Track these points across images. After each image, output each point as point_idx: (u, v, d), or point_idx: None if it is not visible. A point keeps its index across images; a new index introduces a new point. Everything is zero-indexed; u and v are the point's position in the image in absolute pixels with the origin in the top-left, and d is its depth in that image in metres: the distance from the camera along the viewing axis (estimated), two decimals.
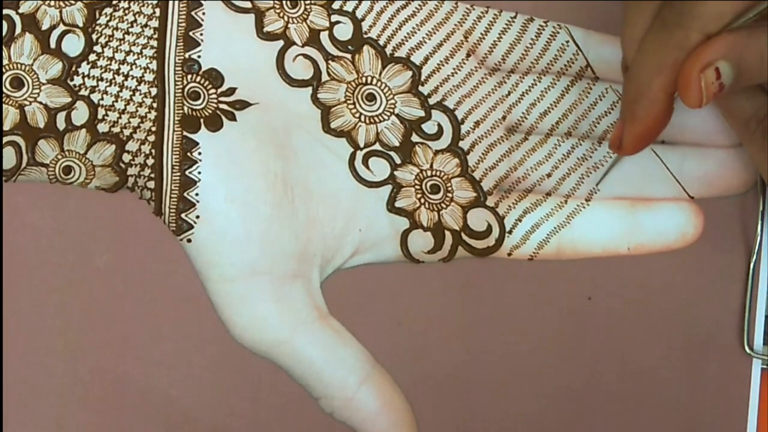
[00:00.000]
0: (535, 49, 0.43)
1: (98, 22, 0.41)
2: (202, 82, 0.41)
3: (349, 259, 0.42)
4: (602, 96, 0.43)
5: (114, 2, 0.41)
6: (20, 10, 0.40)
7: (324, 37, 0.42)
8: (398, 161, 0.42)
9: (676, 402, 0.43)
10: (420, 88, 0.42)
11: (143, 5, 0.41)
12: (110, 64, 0.41)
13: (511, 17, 0.43)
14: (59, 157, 0.41)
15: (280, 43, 0.42)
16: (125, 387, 0.41)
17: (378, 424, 0.41)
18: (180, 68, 0.41)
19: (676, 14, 0.36)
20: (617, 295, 0.43)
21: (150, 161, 0.41)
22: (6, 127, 0.40)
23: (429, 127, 0.42)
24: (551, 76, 0.43)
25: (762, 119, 0.40)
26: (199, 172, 0.40)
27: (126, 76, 0.41)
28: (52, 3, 0.40)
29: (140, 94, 0.41)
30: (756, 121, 0.40)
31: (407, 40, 0.42)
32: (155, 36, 0.41)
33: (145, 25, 0.41)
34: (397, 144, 0.42)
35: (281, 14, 0.42)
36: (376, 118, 0.42)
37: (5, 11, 0.40)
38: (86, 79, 0.41)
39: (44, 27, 0.40)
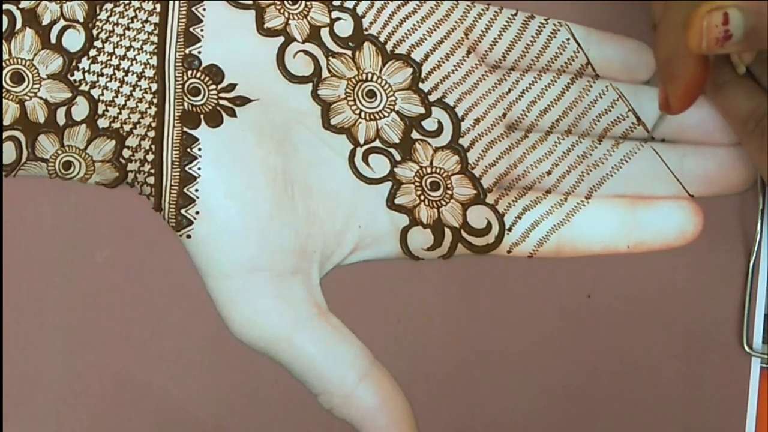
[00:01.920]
0: (535, 46, 0.43)
1: (99, 17, 0.41)
2: (202, 78, 0.41)
3: (348, 255, 0.42)
4: (602, 94, 0.43)
5: None
6: (21, 5, 0.40)
7: (324, 33, 0.42)
8: (398, 158, 0.42)
9: (674, 400, 0.43)
10: (420, 85, 0.42)
11: (144, 1, 0.41)
12: (110, 60, 0.41)
13: (511, 14, 0.43)
14: (59, 152, 0.41)
15: (281, 39, 0.42)
16: (124, 383, 0.41)
17: (377, 420, 0.41)
18: (180, 64, 0.41)
19: None
20: (616, 293, 0.43)
21: (150, 157, 0.41)
22: (6, 122, 0.40)
23: (429, 124, 0.42)
24: (552, 73, 0.43)
25: (760, 118, 0.40)
26: (199, 168, 0.40)
27: (126, 72, 0.41)
28: None
29: (140, 90, 0.41)
30: (754, 120, 0.40)
31: (408, 37, 0.42)
32: (156, 32, 0.41)
33: (146, 21, 0.41)
34: (397, 141, 0.42)
35: (282, 10, 0.42)
36: (376, 115, 0.42)
37: (6, 6, 0.40)
38: (86, 74, 0.41)
39: (45, 22, 0.40)
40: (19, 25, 0.40)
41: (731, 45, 0.36)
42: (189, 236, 0.40)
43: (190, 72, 0.41)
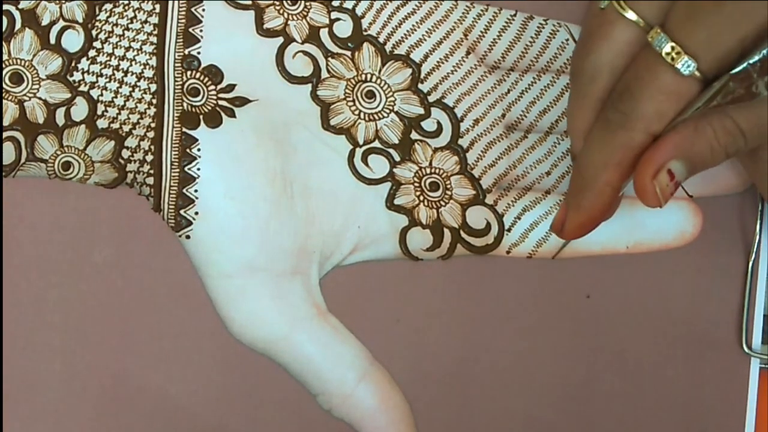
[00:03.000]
0: (534, 47, 0.43)
1: (98, 18, 0.41)
2: (201, 78, 0.41)
3: (347, 256, 0.42)
4: None
5: None
6: (20, 6, 0.40)
7: (324, 34, 0.42)
8: (397, 159, 0.42)
9: (674, 401, 0.43)
10: (419, 85, 0.42)
11: (143, 1, 0.41)
12: (110, 60, 0.41)
13: (510, 15, 0.43)
14: (58, 152, 0.41)
15: (280, 39, 0.42)
16: (123, 383, 0.41)
17: (376, 420, 0.41)
18: (179, 64, 0.41)
19: (619, 116, 0.36)
20: (616, 294, 0.43)
21: (149, 157, 0.41)
22: (5, 122, 0.40)
23: (428, 125, 0.42)
24: (551, 74, 0.43)
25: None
26: (199, 169, 0.40)
27: (125, 72, 0.41)
28: None
29: (140, 90, 0.41)
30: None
31: (407, 38, 0.42)
32: (155, 32, 0.41)
33: (145, 21, 0.41)
34: (396, 141, 0.42)
35: (281, 11, 0.42)
36: (375, 116, 0.42)
37: (5, 6, 0.40)
38: (86, 74, 0.41)
39: (44, 22, 0.40)
40: (18, 25, 0.40)
41: (681, 184, 0.37)
42: (188, 237, 0.40)
43: (189, 72, 0.41)
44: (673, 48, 0.34)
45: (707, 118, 0.35)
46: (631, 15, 0.36)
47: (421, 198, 0.42)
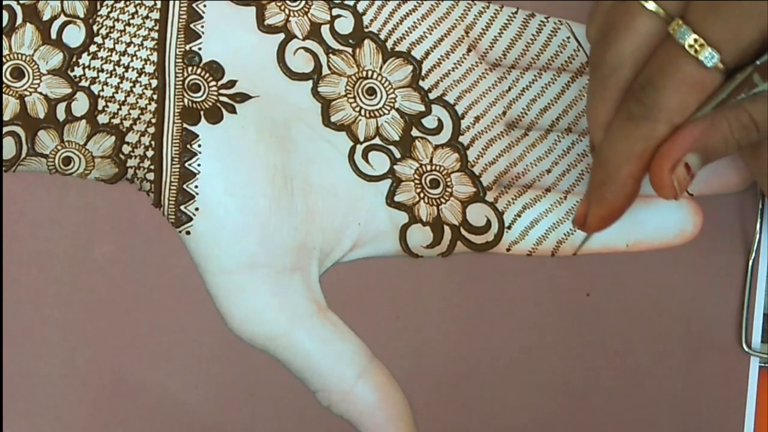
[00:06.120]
0: (536, 44, 0.43)
1: (99, 13, 0.41)
2: (202, 74, 0.41)
3: (348, 252, 0.42)
4: None
5: None
6: (21, 1, 0.40)
7: (325, 30, 0.42)
8: (398, 155, 0.42)
9: (673, 399, 0.43)
10: (420, 82, 0.42)
11: None
12: (111, 56, 0.41)
13: (512, 13, 0.43)
14: (59, 147, 0.41)
15: (281, 36, 0.42)
16: (123, 378, 0.41)
17: (375, 417, 0.41)
18: (180, 60, 0.41)
19: (642, 108, 0.36)
20: (615, 292, 0.43)
21: (150, 153, 0.41)
22: (6, 117, 0.40)
23: (429, 122, 0.42)
24: (552, 72, 0.43)
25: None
26: (199, 165, 0.40)
27: (126, 68, 0.41)
28: None
29: (141, 86, 0.41)
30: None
31: (408, 35, 0.42)
32: (156, 28, 0.41)
33: (146, 17, 0.41)
34: (397, 138, 0.42)
35: (282, 7, 0.42)
36: (376, 112, 0.42)
37: (6, 1, 0.40)
38: (87, 70, 0.41)
39: (45, 17, 0.40)
40: (19, 20, 0.40)
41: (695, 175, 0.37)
42: (188, 232, 0.40)
43: (190, 68, 0.41)
44: (696, 40, 0.34)
45: (723, 112, 0.36)
46: (651, 5, 0.36)
47: (422, 195, 0.42)
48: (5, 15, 0.40)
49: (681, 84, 0.35)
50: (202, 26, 0.41)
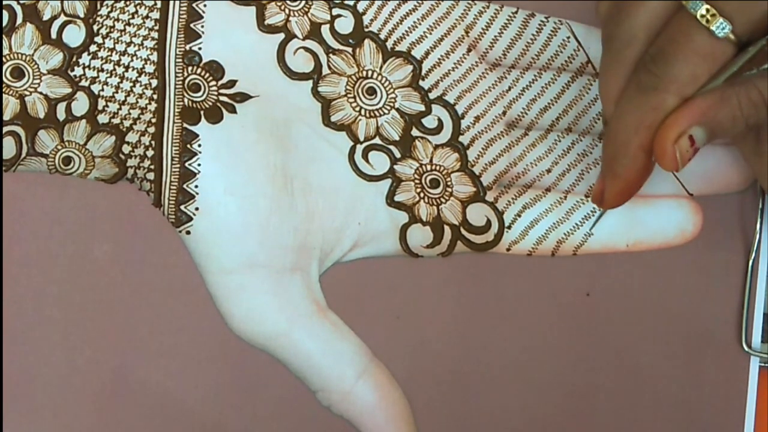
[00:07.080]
0: (536, 44, 0.43)
1: (99, 13, 0.41)
2: (202, 74, 0.41)
3: (348, 252, 0.42)
4: None
5: None
6: (21, 0, 0.40)
7: (325, 30, 0.42)
8: (398, 155, 0.42)
9: (673, 399, 0.43)
10: (420, 82, 0.42)
11: None
12: (111, 56, 0.41)
13: (512, 13, 0.43)
14: (59, 147, 0.41)
15: (281, 35, 0.42)
16: (123, 378, 0.41)
17: (375, 417, 0.41)
18: (180, 60, 0.41)
19: (653, 78, 0.36)
20: (615, 292, 0.43)
21: (150, 153, 0.41)
22: (6, 117, 0.40)
23: (429, 122, 0.42)
24: (552, 71, 0.43)
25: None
26: (199, 164, 0.40)
27: (127, 68, 0.41)
28: None
29: (141, 86, 0.41)
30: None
31: (408, 35, 0.42)
32: (156, 27, 0.41)
33: (146, 17, 0.41)
34: (397, 138, 0.42)
35: (282, 7, 0.42)
36: (376, 112, 0.42)
37: (6, 1, 0.40)
38: (87, 70, 0.41)
39: (45, 17, 0.40)
40: (19, 20, 0.40)
41: (698, 149, 0.37)
42: (188, 232, 0.40)
43: (190, 68, 0.41)
44: (708, 10, 0.34)
45: (734, 87, 0.35)
46: None
47: (422, 195, 0.42)
48: (5, 15, 0.40)
49: (692, 54, 0.35)
50: (202, 26, 0.41)
